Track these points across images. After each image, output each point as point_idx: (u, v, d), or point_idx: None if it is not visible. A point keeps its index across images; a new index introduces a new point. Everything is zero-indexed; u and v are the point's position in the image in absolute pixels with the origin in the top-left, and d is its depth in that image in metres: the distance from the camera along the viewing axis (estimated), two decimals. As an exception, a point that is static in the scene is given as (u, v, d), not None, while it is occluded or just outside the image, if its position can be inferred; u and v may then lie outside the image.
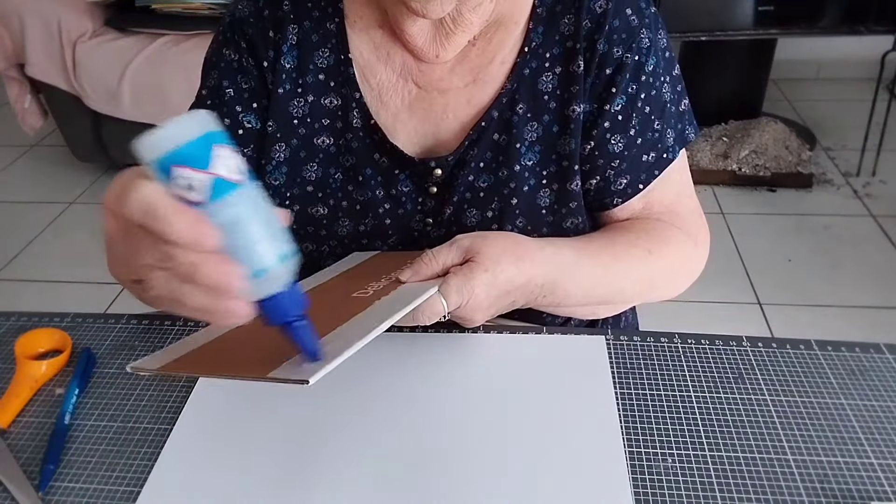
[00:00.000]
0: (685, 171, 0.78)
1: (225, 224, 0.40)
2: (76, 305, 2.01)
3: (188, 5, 2.18)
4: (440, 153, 0.73)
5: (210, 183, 0.40)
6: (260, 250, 0.41)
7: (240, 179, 0.41)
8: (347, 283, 0.66)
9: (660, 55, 0.72)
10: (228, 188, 0.40)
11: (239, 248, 0.41)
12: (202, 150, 0.40)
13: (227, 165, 0.40)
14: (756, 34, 2.33)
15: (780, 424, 0.58)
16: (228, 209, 0.40)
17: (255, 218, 0.41)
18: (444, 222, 0.74)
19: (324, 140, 0.74)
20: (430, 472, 0.55)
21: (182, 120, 0.40)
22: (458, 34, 0.69)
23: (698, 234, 0.77)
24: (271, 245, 0.42)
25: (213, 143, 0.40)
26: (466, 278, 0.61)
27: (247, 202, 0.41)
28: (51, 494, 0.56)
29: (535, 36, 0.71)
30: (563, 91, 0.71)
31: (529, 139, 0.71)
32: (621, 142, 0.72)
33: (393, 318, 0.54)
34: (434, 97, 0.73)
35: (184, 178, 0.39)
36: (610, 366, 0.64)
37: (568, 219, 0.74)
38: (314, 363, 0.46)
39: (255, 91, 0.73)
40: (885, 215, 2.22)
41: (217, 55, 0.74)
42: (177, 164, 0.39)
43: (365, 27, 0.73)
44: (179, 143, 0.39)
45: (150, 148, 0.39)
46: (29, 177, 2.69)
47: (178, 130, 0.39)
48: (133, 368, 0.54)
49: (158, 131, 0.39)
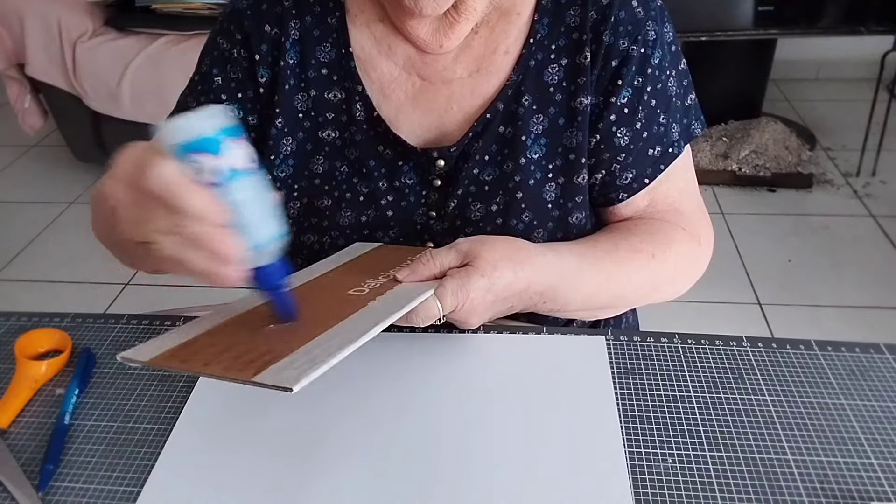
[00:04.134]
0: (690, 168, 0.78)
1: (231, 204, 0.47)
2: (76, 305, 2.01)
3: (188, 5, 2.18)
4: (445, 145, 0.73)
5: (222, 169, 0.46)
6: (258, 228, 0.49)
7: (247, 167, 0.48)
8: (345, 278, 0.66)
9: (666, 48, 0.72)
10: (238, 175, 0.47)
11: (241, 225, 0.48)
12: (218, 142, 0.47)
13: (237, 155, 0.47)
14: (756, 34, 2.33)
15: (780, 424, 0.58)
16: (236, 192, 0.47)
17: (257, 201, 0.49)
18: (448, 215, 0.74)
19: (329, 133, 0.74)
20: (430, 472, 0.55)
21: (202, 113, 0.47)
22: (462, 22, 0.69)
23: (702, 234, 0.77)
24: (268, 225, 0.49)
25: (228, 136, 0.47)
26: (463, 282, 0.61)
27: (251, 187, 0.48)
28: (51, 494, 0.56)
29: (540, 27, 0.71)
30: (570, 83, 0.70)
31: (535, 132, 0.71)
32: (627, 135, 0.71)
33: (385, 323, 0.55)
34: (438, 88, 0.73)
35: (201, 164, 0.46)
36: (610, 366, 0.64)
37: (574, 213, 0.73)
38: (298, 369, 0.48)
39: (241, 82, 0.74)
40: (885, 215, 2.22)
41: (212, 43, 0.76)
42: (196, 152, 0.46)
43: (365, 21, 0.73)
44: (200, 133, 0.46)
45: (174, 135, 0.46)
46: (29, 177, 2.69)
47: (198, 122, 0.46)
48: (123, 358, 0.54)
49: (181, 121, 0.46)
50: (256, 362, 0.50)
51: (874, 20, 2.16)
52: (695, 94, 0.77)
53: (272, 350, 0.51)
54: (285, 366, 0.49)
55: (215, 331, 0.58)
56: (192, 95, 0.76)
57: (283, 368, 0.48)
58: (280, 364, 0.49)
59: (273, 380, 0.47)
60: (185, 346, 0.55)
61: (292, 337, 0.54)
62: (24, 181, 2.66)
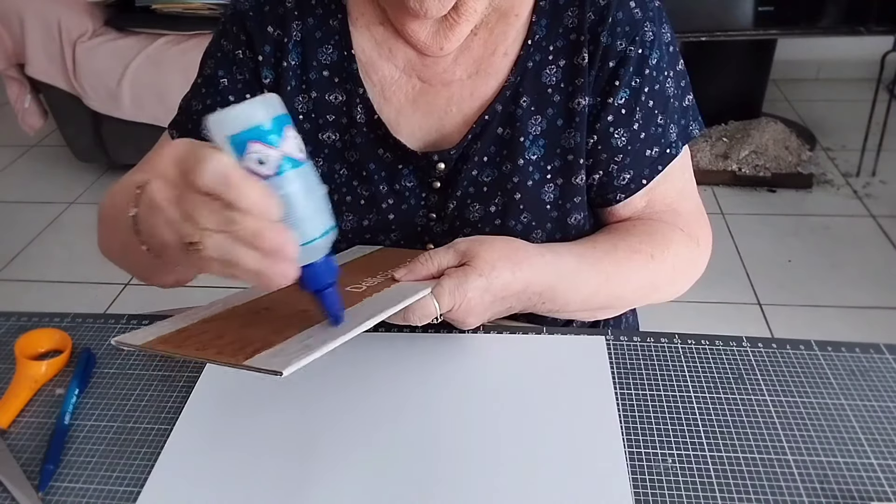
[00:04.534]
0: (688, 169, 0.78)
1: (285, 196, 0.45)
2: (76, 305, 2.01)
3: (188, 5, 2.19)
4: (444, 147, 0.73)
5: (280, 159, 0.45)
6: (311, 222, 0.47)
7: (302, 158, 0.46)
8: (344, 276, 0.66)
9: (664, 49, 0.72)
10: (293, 165, 0.45)
11: (294, 219, 0.45)
12: (275, 130, 0.45)
13: (293, 145, 0.46)
14: (756, 34, 2.33)
15: (780, 424, 0.58)
16: (290, 184, 0.45)
17: (310, 193, 0.47)
18: (448, 217, 0.74)
19: (329, 136, 0.74)
20: (430, 472, 0.55)
21: (255, 102, 0.45)
22: (462, 24, 0.69)
23: (700, 235, 0.77)
24: (320, 218, 0.47)
25: (284, 125, 0.45)
26: (460, 282, 0.61)
27: (304, 178, 0.46)
28: (51, 494, 0.56)
29: (538, 29, 0.71)
30: (568, 84, 0.71)
31: (534, 133, 0.71)
32: (625, 136, 0.72)
33: (380, 317, 0.54)
34: (438, 90, 0.73)
35: (257, 154, 0.44)
36: (610, 366, 0.64)
37: (572, 214, 0.73)
38: (290, 356, 0.47)
39: (248, 83, 0.74)
40: (885, 215, 2.22)
41: (215, 45, 0.76)
42: (252, 140, 0.44)
43: (366, 24, 0.73)
44: (256, 122, 0.44)
45: (227, 125, 0.44)
46: (29, 177, 2.69)
47: (251, 110, 0.44)
48: (117, 342, 0.54)
49: (233, 111, 0.44)
50: (247, 349, 0.50)
51: (874, 20, 2.16)
52: (693, 95, 0.77)
53: (265, 339, 0.51)
54: (277, 352, 0.48)
55: (210, 319, 0.58)
56: (197, 98, 0.76)
57: (275, 355, 0.48)
58: (272, 350, 0.49)
59: (263, 364, 0.46)
60: (179, 332, 0.56)
61: (286, 326, 0.54)
62: (24, 181, 2.66)
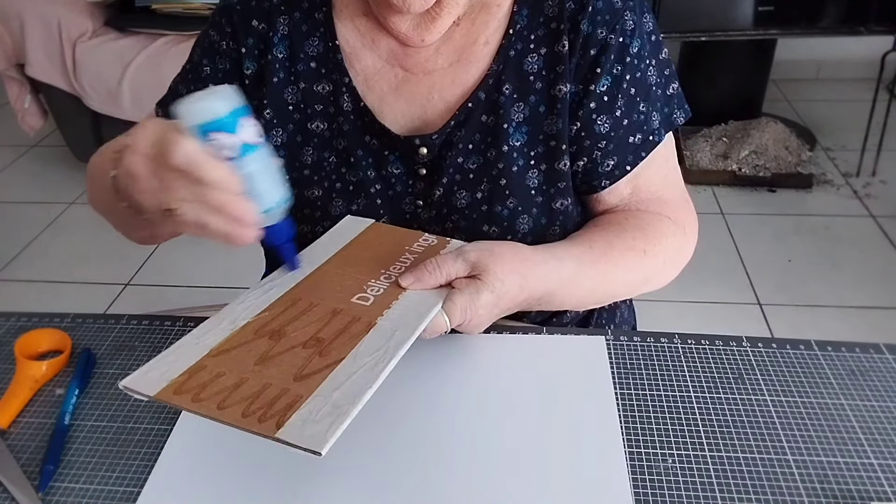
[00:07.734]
0: (672, 157, 0.79)
1: (246, 175, 0.55)
2: (76, 305, 2.01)
3: (188, 5, 2.19)
4: (427, 133, 0.74)
5: (238, 145, 0.54)
6: (268, 194, 0.57)
7: (258, 142, 0.56)
8: (345, 271, 0.66)
9: (645, 38, 0.73)
10: (251, 149, 0.55)
11: (254, 192, 0.56)
12: (233, 121, 0.54)
13: (249, 132, 0.55)
14: (756, 34, 2.33)
15: (780, 424, 0.58)
16: (249, 165, 0.55)
17: (267, 171, 0.57)
18: (435, 204, 0.75)
19: (317, 125, 0.76)
20: (430, 472, 0.55)
21: (216, 95, 0.54)
22: (444, 17, 0.71)
23: (686, 222, 0.78)
24: (276, 191, 0.58)
25: (240, 116, 0.55)
26: (472, 298, 0.61)
27: (262, 159, 0.57)
28: (51, 494, 0.56)
29: (519, 18, 0.72)
30: (549, 72, 0.72)
31: (517, 120, 0.72)
32: (607, 122, 0.73)
33: (400, 352, 0.55)
34: (420, 79, 0.74)
35: (219, 141, 0.54)
36: (610, 366, 0.64)
37: (557, 199, 0.75)
38: (321, 422, 0.48)
39: (228, 72, 0.77)
40: (885, 215, 2.22)
41: (204, 35, 0.79)
42: (214, 131, 0.54)
43: (350, 15, 0.75)
44: (217, 114, 0.54)
45: (193, 116, 0.53)
46: (29, 177, 2.69)
47: (213, 103, 0.54)
48: (125, 388, 0.52)
49: (197, 104, 0.54)
50: (275, 407, 0.49)
51: (874, 20, 2.16)
52: (678, 84, 0.78)
53: (288, 387, 0.51)
54: (307, 417, 0.48)
55: (220, 350, 0.56)
56: (183, 83, 0.80)
57: (306, 421, 0.48)
58: (301, 413, 0.49)
59: (298, 439, 0.47)
60: (191, 374, 0.54)
61: (305, 363, 0.54)
62: (24, 181, 2.66)
